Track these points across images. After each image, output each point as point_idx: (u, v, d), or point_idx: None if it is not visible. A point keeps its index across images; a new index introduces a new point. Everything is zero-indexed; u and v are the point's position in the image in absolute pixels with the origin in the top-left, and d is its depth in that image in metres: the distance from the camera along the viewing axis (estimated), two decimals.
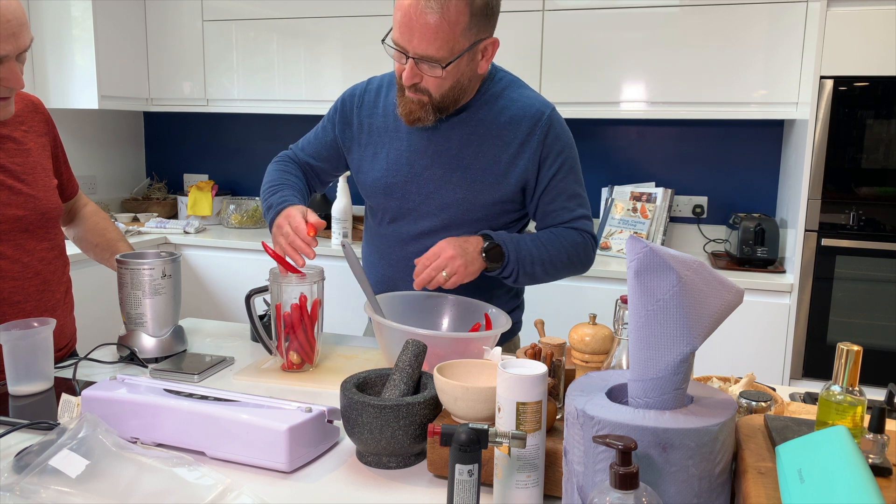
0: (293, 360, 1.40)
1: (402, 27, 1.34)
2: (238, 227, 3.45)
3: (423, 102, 1.42)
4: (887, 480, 0.79)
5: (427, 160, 1.51)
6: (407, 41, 1.34)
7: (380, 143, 1.56)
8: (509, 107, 1.50)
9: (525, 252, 1.46)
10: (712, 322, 0.81)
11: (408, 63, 1.37)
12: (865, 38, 2.38)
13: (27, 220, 1.43)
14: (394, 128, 1.54)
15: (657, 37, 2.77)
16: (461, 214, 1.51)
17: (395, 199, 1.55)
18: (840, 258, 2.49)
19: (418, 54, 1.35)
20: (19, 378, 1.27)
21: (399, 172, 1.53)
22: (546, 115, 1.49)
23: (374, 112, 1.57)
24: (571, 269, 1.55)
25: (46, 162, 1.51)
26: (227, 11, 3.30)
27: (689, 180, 3.14)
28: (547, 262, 1.49)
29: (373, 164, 1.56)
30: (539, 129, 1.49)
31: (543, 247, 1.49)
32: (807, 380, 2.56)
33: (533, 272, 1.48)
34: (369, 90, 1.59)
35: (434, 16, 1.31)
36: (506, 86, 1.53)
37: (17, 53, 1.29)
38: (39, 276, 1.46)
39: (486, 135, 1.49)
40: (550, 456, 0.94)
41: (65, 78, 3.19)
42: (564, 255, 1.51)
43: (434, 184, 1.51)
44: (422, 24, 1.31)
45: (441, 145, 1.50)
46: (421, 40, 1.33)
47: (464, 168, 1.49)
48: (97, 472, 0.93)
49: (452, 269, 1.38)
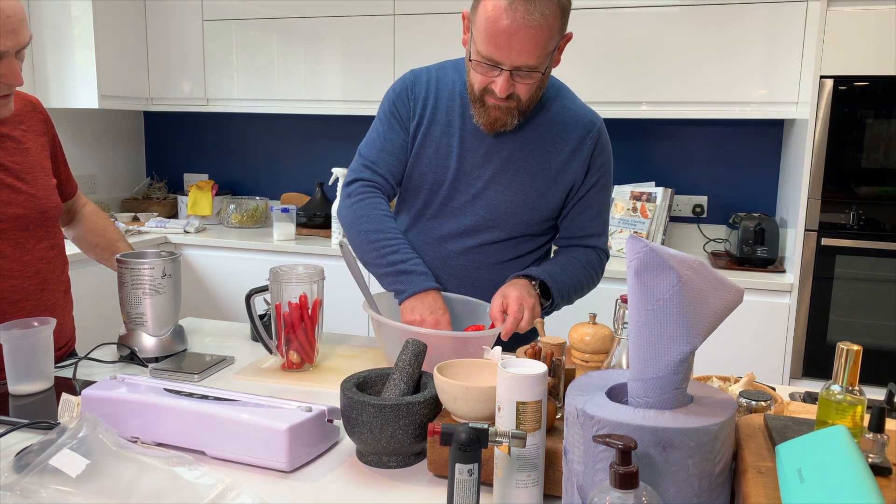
0: (293, 359, 1.40)
1: (498, 41, 1.28)
2: (238, 227, 3.45)
3: (511, 108, 1.40)
4: (887, 480, 0.79)
5: (478, 160, 1.50)
6: (505, 55, 1.30)
7: (428, 136, 1.52)
8: (562, 113, 1.50)
9: (562, 283, 1.49)
10: (712, 322, 0.81)
11: (502, 75, 1.33)
12: (865, 37, 2.38)
13: (27, 218, 1.43)
14: (445, 122, 1.51)
15: (657, 37, 2.77)
16: (506, 217, 1.51)
17: (441, 195, 1.53)
18: (840, 258, 2.49)
19: (516, 66, 1.32)
20: (19, 377, 1.27)
21: (448, 168, 1.51)
22: (598, 127, 1.52)
23: (427, 104, 1.52)
24: (590, 288, 1.60)
25: (45, 161, 1.51)
26: (227, 11, 3.30)
27: (689, 180, 3.14)
28: (576, 289, 1.54)
29: (419, 157, 1.53)
30: (591, 138, 1.50)
31: (573, 275, 1.52)
32: (807, 379, 2.56)
33: (570, 299, 1.54)
34: (418, 83, 1.54)
35: (536, 25, 1.27)
36: (556, 92, 1.53)
37: (17, 50, 1.29)
38: (39, 276, 1.46)
39: (539, 140, 1.49)
40: (550, 455, 0.94)
41: (65, 77, 3.19)
42: (587, 279, 1.56)
43: (482, 183, 1.50)
44: (525, 36, 1.27)
45: (493, 145, 1.49)
46: (522, 52, 1.29)
47: (514, 171, 1.49)
48: (97, 472, 0.93)
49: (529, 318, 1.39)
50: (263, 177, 3.75)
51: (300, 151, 3.66)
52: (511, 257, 1.56)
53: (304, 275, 1.38)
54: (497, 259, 1.55)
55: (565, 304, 1.54)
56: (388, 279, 1.44)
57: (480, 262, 1.55)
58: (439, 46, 2.99)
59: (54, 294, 1.50)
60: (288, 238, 3.15)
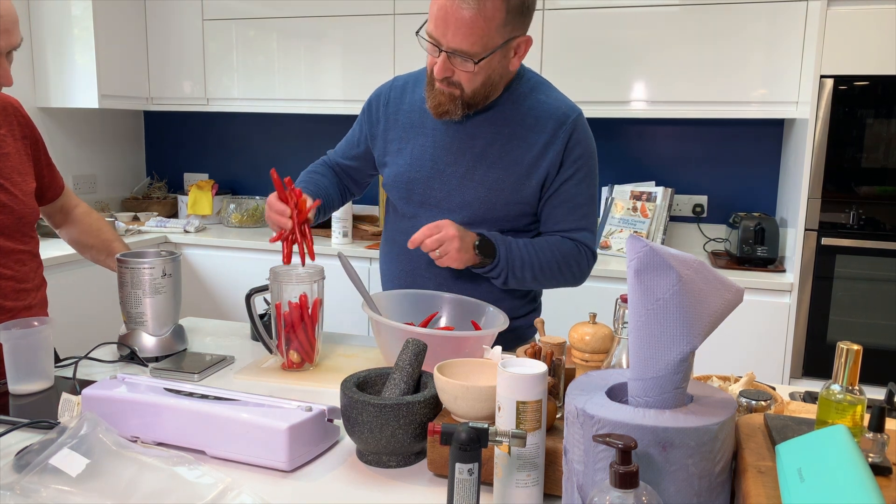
0: (293, 359, 1.40)
1: (437, 20, 1.34)
2: (238, 227, 3.45)
3: (454, 96, 1.43)
4: (887, 479, 0.79)
5: (451, 157, 1.51)
6: (441, 34, 1.35)
7: (404, 139, 1.56)
8: (536, 107, 1.50)
9: (516, 254, 1.46)
10: (712, 321, 0.81)
11: (441, 56, 1.37)
12: (865, 37, 2.38)
13: (3, 224, 1.43)
14: (419, 123, 1.54)
15: (657, 36, 2.77)
16: (482, 212, 1.51)
17: (418, 194, 1.55)
18: (840, 257, 2.49)
19: (452, 48, 1.35)
20: (20, 377, 1.27)
21: (422, 168, 1.53)
22: (572, 119, 1.50)
23: (400, 108, 1.57)
24: (562, 280, 1.54)
25: (24, 166, 1.50)
26: (227, 11, 3.29)
27: (690, 179, 3.14)
28: (537, 269, 1.48)
29: (397, 159, 1.57)
30: (564, 131, 1.49)
31: (536, 253, 1.48)
32: (807, 379, 2.56)
33: (522, 276, 1.48)
34: (395, 87, 1.61)
35: (470, 11, 1.31)
36: (534, 86, 1.53)
37: (8, 51, 1.29)
38: (15, 278, 1.46)
39: (512, 134, 1.49)
40: (550, 455, 0.94)
41: (65, 77, 3.19)
42: (556, 265, 1.50)
43: (457, 180, 1.51)
44: (457, 18, 1.32)
45: (466, 142, 1.50)
46: (455, 34, 1.33)
47: (487, 166, 1.49)
48: (97, 471, 0.93)
49: (447, 248, 1.39)
50: (263, 176, 3.75)
51: (300, 151, 3.66)
52: None
53: (304, 274, 1.38)
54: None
55: (517, 280, 1.49)
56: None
57: None
58: None
59: (30, 293, 1.50)
60: None
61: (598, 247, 1.57)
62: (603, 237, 2.98)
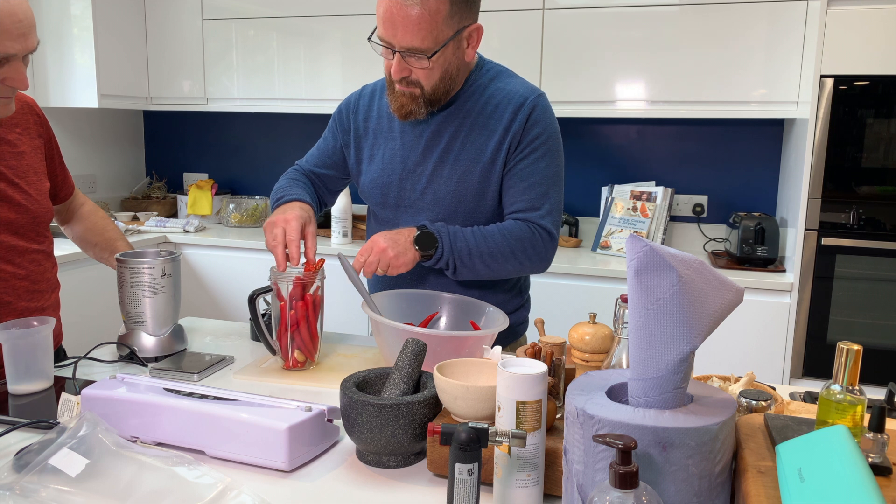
0: (297, 357, 1.40)
1: (385, 22, 1.36)
2: (238, 226, 3.45)
3: (415, 95, 1.44)
4: (887, 479, 0.79)
5: (419, 156, 1.53)
6: (391, 35, 1.37)
7: (375, 145, 1.58)
8: (496, 96, 1.50)
9: (461, 243, 1.44)
10: (712, 321, 0.81)
11: (395, 57, 1.39)
12: (866, 37, 2.38)
13: (18, 223, 1.43)
14: (387, 128, 1.57)
15: (657, 36, 2.77)
16: (453, 207, 1.52)
17: (392, 198, 1.57)
18: (840, 257, 2.49)
19: (404, 47, 1.37)
20: (19, 377, 1.27)
21: (394, 171, 1.55)
22: (529, 100, 1.47)
23: (369, 115, 1.60)
24: (519, 266, 1.49)
25: (39, 165, 1.50)
26: (226, 10, 3.29)
27: (690, 179, 3.14)
28: (486, 255, 1.45)
29: (370, 165, 1.59)
30: (521, 112, 1.47)
31: (484, 239, 1.45)
32: (807, 379, 2.56)
33: (472, 264, 1.45)
34: (363, 95, 1.63)
35: (415, 7, 1.33)
36: (494, 76, 1.53)
37: (24, 54, 1.29)
38: (29, 278, 1.46)
39: (474, 125, 1.50)
40: (550, 455, 0.94)
41: (65, 77, 3.19)
42: (507, 250, 1.46)
43: (426, 178, 1.52)
44: (404, 17, 1.33)
45: (431, 140, 1.52)
46: (405, 33, 1.35)
47: (453, 160, 1.50)
48: (97, 471, 0.93)
49: (385, 261, 1.39)
50: (263, 176, 3.75)
51: (300, 151, 3.66)
52: None
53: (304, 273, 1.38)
54: None
55: (468, 269, 1.46)
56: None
57: None
58: None
59: (44, 295, 1.50)
60: None
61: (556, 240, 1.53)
62: (603, 237, 2.98)
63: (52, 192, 1.58)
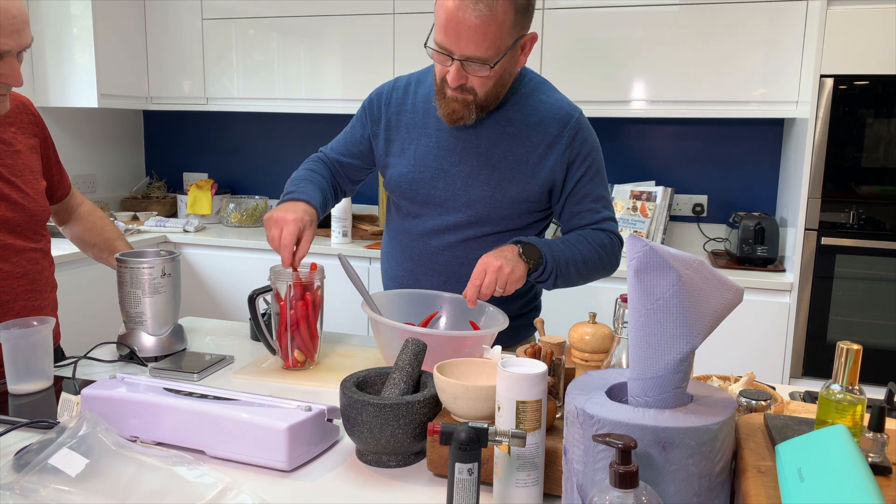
0: (297, 357, 1.40)
1: (448, 30, 1.32)
2: (237, 226, 3.44)
3: (468, 101, 1.42)
4: (887, 479, 0.79)
5: (455, 157, 1.52)
6: (454, 43, 1.33)
7: (407, 139, 1.56)
8: (539, 108, 1.51)
9: (559, 252, 1.47)
10: (712, 321, 0.81)
11: (453, 65, 1.36)
12: (865, 36, 2.38)
13: (15, 222, 1.43)
14: (422, 124, 1.55)
15: (657, 35, 2.77)
16: (487, 212, 1.52)
17: (422, 195, 1.55)
18: (840, 257, 2.49)
19: (465, 55, 1.34)
20: (19, 377, 1.27)
21: (426, 168, 1.54)
22: (575, 119, 1.51)
23: (403, 109, 1.57)
24: (602, 270, 1.55)
25: (35, 164, 1.50)
26: (226, 10, 3.29)
27: (689, 179, 3.14)
28: (580, 263, 1.49)
29: (399, 159, 1.57)
30: (567, 131, 1.50)
31: (574, 248, 1.49)
32: (807, 378, 2.56)
33: (568, 273, 1.48)
34: (397, 88, 1.60)
35: (482, 16, 1.30)
36: (535, 87, 1.54)
37: (19, 50, 1.29)
38: (27, 277, 1.46)
39: (516, 134, 1.50)
40: (550, 455, 0.94)
41: (64, 76, 3.19)
42: (595, 256, 1.52)
43: (462, 180, 1.52)
44: (470, 26, 1.30)
45: (470, 143, 1.51)
46: (469, 41, 1.32)
47: (492, 166, 1.50)
48: (97, 471, 0.93)
49: (502, 279, 1.36)
50: (263, 176, 3.75)
51: (300, 150, 3.66)
52: None
53: (304, 273, 1.38)
54: (481, 254, 1.55)
55: (565, 279, 1.49)
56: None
57: (465, 257, 1.55)
58: None
59: (41, 294, 1.50)
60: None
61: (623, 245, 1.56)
62: None
63: (49, 192, 1.57)
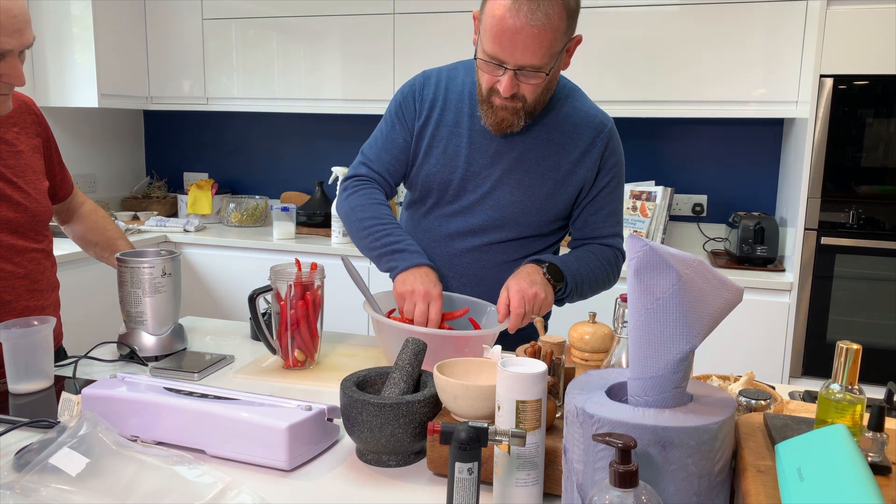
0: (298, 357, 1.40)
1: (501, 39, 1.29)
2: (238, 226, 3.44)
3: (517, 109, 1.40)
4: (886, 479, 0.79)
5: (487, 160, 1.50)
6: (509, 53, 1.30)
7: (436, 137, 1.53)
8: (573, 115, 1.51)
9: (575, 271, 1.48)
10: (712, 321, 0.81)
11: (506, 74, 1.33)
12: (865, 36, 2.38)
13: (17, 222, 1.43)
14: (453, 123, 1.52)
15: (657, 36, 2.77)
16: (514, 216, 1.52)
17: (449, 195, 1.54)
18: (840, 257, 2.49)
19: (520, 65, 1.32)
20: (19, 376, 1.27)
21: (456, 168, 1.52)
22: (608, 128, 1.52)
23: (434, 105, 1.54)
24: (605, 285, 1.58)
25: (38, 164, 1.50)
26: (226, 10, 3.29)
27: (689, 179, 3.14)
28: (592, 281, 1.52)
29: (427, 157, 1.54)
30: (601, 139, 1.50)
31: (588, 265, 1.51)
32: (806, 378, 2.56)
33: (581, 290, 1.51)
34: (427, 84, 1.56)
35: (540, 25, 1.27)
36: (569, 93, 1.53)
37: (21, 50, 1.29)
38: (29, 277, 1.46)
39: (549, 140, 1.49)
40: (550, 454, 0.94)
41: (65, 76, 3.19)
42: (603, 274, 1.54)
43: (491, 183, 1.51)
44: (528, 36, 1.27)
45: (503, 146, 1.49)
46: (525, 51, 1.29)
47: (523, 171, 1.49)
48: (97, 471, 0.93)
49: (538, 304, 1.38)
50: (263, 176, 3.75)
51: (300, 150, 3.66)
52: (518, 257, 1.56)
53: (304, 273, 1.38)
54: (504, 258, 1.56)
55: (578, 295, 1.51)
56: (382, 260, 1.47)
57: (487, 261, 1.55)
58: (439, 45, 2.99)
59: (44, 294, 1.50)
60: (288, 237, 3.15)
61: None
62: None
63: (51, 192, 1.58)
